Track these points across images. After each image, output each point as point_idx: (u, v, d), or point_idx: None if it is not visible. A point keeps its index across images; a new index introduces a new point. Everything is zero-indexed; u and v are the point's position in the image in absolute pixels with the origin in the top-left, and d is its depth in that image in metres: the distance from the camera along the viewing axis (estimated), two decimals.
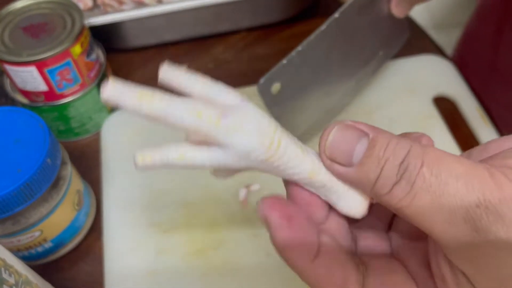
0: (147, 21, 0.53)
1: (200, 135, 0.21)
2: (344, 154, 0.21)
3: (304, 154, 0.22)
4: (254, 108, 0.22)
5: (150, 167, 0.21)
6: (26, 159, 0.34)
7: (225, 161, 0.21)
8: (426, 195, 0.19)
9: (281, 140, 0.21)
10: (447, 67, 0.52)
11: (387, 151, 0.20)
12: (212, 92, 0.22)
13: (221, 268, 0.39)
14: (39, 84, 0.43)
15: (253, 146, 0.20)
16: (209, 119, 0.20)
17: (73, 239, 0.41)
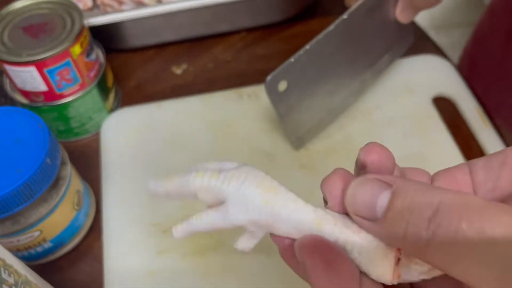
0: (146, 21, 0.53)
1: (210, 197, 0.23)
2: (366, 208, 0.20)
3: (303, 202, 0.22)
4: (249, 166, 0.23)
5: (184, 235, 0.24)
6: (25, 159, 0.34)
7: (228, 216, 0.22)
8: (471, 254, 0.16)
9: (276, 187, 0.22)
10: (446, 68, 0.52)
11: (411, 202, 0.18)
12: (213, 169, 0.24)
13: (221, 268, 0.39)
14: (39, 84, 0.43)
15: (250, 189, 0.22)
16: (210, 176, 0.22)
17: (72, 239, 0.41)
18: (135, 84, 0.55)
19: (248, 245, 0.23)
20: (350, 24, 0.41)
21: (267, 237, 0.23)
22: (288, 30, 0.59)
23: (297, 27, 0.59)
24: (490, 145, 0.46)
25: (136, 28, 0.54)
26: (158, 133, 0.48)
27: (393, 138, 0.46)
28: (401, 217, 0.18)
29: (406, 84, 0.50)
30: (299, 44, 0.42)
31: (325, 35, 0.40)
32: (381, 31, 0.45)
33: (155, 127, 0.48)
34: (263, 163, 0.44)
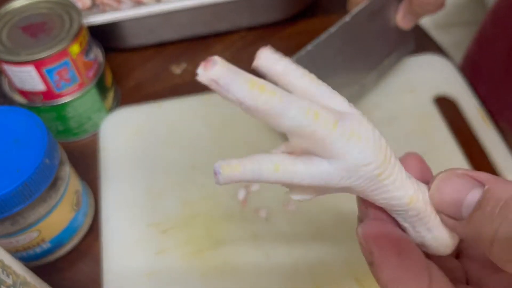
0: (145, 21, 0.53)
1: (303, 143, 0.18)
2: (452, 205, 0.18)
3: (407, 176, 0.20)
4: (364, 116, 0.19)
5: (235, 179, 0.18)
6: (24, 159, 0.34)
7: (328, 176, 0.18)
8: None
9: (391, 155, 0.19)
10: (447, 67, 0.52)
11: (505, 208, 0.16)
12: (319, 92, 0.20)
13: (220, 269, 0.39)
14: (38, 83, 0.43)
15: (370, 156, 0.18)
16: (326, 121, 0.17)
17: (71, 239, 0.41)
18: (134, 84, 0.54)
19: (306, 197, 0.21)
20: (352, 27, 0.42)
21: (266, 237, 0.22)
22: (288, 29, 0.59)
23: (297, 26, 0.59)
24: (491, 144, 0.45)
25: (135, 28, 0.54)
26: (157, 133, 0.48)
27: (394, 137, 0.46)
28: (491, 220, 0.17)
29: (407, 84, 0.50)
30: (299, 43, 0.42)
31: (327, 37, 0.41)
32: (382, 36, 0.45)
33: (154, 127, 0.48)
34: None
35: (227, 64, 0.17)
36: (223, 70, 0.17)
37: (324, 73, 0.42)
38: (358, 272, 0.38)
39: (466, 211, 0.18)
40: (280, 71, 0.18)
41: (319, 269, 0.38)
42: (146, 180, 0.44)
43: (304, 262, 0.39)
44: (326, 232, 0.40)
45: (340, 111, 0.19)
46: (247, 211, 0.42)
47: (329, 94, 0.20)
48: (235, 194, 0.43)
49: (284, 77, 0.19)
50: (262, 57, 0.19)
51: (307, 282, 0.38)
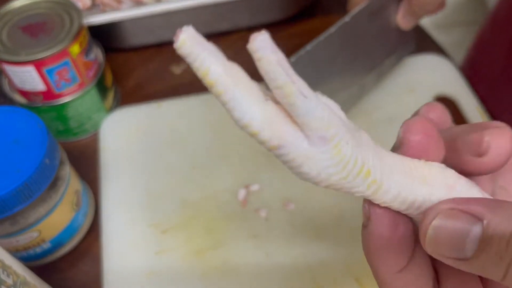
0: (146, 21, 0.53)
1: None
2: (453, 249, 0.17)
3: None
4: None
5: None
6: (24, 159, 0.34)
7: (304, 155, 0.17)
8: None
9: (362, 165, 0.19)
10: (447, 67, 0.52)
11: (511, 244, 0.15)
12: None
13: (220, 269, 0.39)
14: (38, 83, 0.43)
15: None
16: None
17: (71, 239, 0.41)
18: (134, 84, 0.54)
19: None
20: (352, 27, 0.42)
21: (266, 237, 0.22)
22: (288, 29, 0.59)
23: (297, 26, 0.59)
24: None
25: (135, 27, 0.54)
26: (157, 132, 0.48)
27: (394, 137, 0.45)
28: (499, 258, 0.16)
29: (407, 83, 0.50)
30: (299, 43, 0.42)
31: (326, 37, 0.40)
32: (382, 36, 0.45)
33: (155, 126, 0.48)
34: (262, 163, 0.44)
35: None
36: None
37: (323, 73, 0.43)
38: (358, 272, 0.38)
39: (469, 251, 0.17)
40: (274, 62, 0.18)
41: (319, 269, 0.38)
42: (146, 180, 0.44)
43: (304, 262, 0.39)
44: (326, 232, 0.40)
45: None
46: (247, 211, 0.42)
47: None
48: (235, 194, 0.43)
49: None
50: (258, 40, 0.18)
51: (307, 282, 0.38)
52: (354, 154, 0.18)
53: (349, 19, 0.41)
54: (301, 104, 0.17)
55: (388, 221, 0.19)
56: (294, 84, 0.17)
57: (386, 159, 0.19)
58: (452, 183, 0.19)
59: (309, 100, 0.17)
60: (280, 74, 0.17)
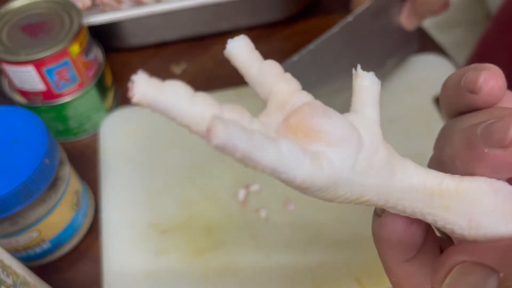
0: (145, 20, 0.53)
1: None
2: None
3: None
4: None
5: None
6: (24, 160, 0.34)
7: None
8: None
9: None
10: (447, 67, 0.52)
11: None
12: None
13: (220, 269, 0.39)
14: (37, 83, 0.43)
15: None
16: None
17: (71, 239, 0.41)
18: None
19: None
20: (355, 27, 0.41)
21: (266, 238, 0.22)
22: (289, 29, 0.59)
23: (298, 26, 0.59)
24: None
25: (135, 27, 0.54)
26: (157, 132, 0.48)
27: (394, 137, 0.46)
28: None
29: (408, 84, 0.50)
30: (300, 43, 0.42)
31: (329, 36, 0.40)
32: (385, 36, 0.45)
33: (154, 126, 0.48)
34: None
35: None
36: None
37: (325, 73, 0.43)
38: (358, 272, 0.38)
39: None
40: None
41: (319, 269, 0.38)
42: (146, 180, 0.44)
43: (304, 262, 0.39)
44: (326, 232, 0.40)
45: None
46: (247, 211, 0.42)
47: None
48: (235, 194, 0.43)
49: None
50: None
51: (307, 282, 0.38)
52: (345, 194, 0.17)
53: (352, 19, 0.41)
54: (279, 178, 0.15)
55: (402, 219, 0.19)
56: (266, 167, 0.15)
57: (402, 183, 0.18)
58: (476, 221, 0.18)
59: (285, 173, 0.15)
60: (249, 164, 0.14)
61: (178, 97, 0.15)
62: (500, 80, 0.19)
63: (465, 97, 0.20)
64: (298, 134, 0.16)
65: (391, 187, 0.18)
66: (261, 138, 0.14)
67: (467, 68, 0.20)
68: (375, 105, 0.19)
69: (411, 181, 0.18)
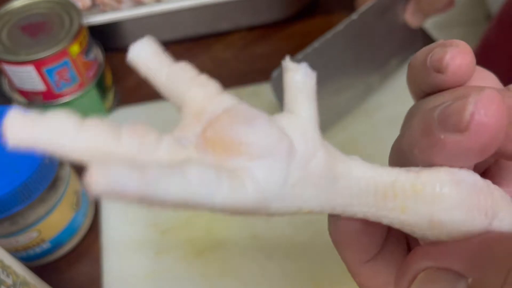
0: (145, 20, 0.53)
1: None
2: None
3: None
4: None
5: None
6: (24, 160, 0.34)
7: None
8: None
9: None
10: None
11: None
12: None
13: (220, 269, 0.39)
14: (37, 83, 0.43)
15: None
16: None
17: (71, 239, 0.41)
18: (134, 84, 0.54)
19: None
20: (359, 25, 0.41)
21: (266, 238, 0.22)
22: (289, 29, 0.58)
23: (298, 26, 0.59)
24: None
25: (135, 27, 0.54)
26: None
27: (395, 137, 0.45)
28: None
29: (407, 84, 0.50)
30: (300, 43, 0.42)
31: (334, 35, 0.40)
32: (389, 34, 0.45)
33: (154, 127, 0.48)
34: None
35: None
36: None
37: (330, 71, 0.43)
38: None
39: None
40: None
41: (319, 269, 0.38)
42: None
43: (304, 262, 0.39)
44: (326, 232, 0.40)
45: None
46: None
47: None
48: None
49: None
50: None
51: (307, 282, 0.38)
52: (281, 208, 0.15)
53: (357, 17, 0.41)
54: (196, 207, 0.14)
55: (357, 221, 0.18)
56: (174, 200, 0.13)
57: (348, 188, 0.16)
58: (437, 220, 0.16)
59: (201, 201, 0.13)
60: (154, 202, 0.13)
61: (61, 128, 0.13)
62: (467, 57, 0.17)
63: (432, 77, 0.18)
64: (216, 149, 0.14)
65: (334, 194, 0.16)
66: (159, 172, 0.12)
67: (434, 45, 0.18)
68: (311, 102, 0.17)
69: (358, 185, 0.16)
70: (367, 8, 0.41)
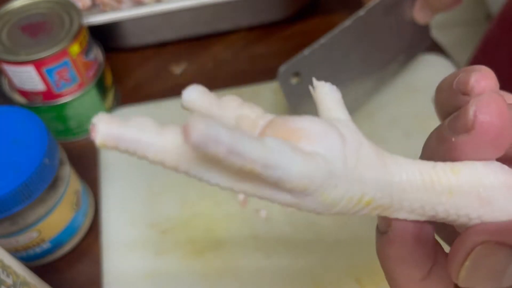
0: (145, 20, 0.53)
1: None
2: (489, 282, 0.16)
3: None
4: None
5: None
6: (24, 159, 0.34)
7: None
8: None
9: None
10: (448, 67, 0.52)
11: None
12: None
13: (220, 269, 0.39)
14: (37, 83, 0.43)
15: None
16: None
17: (71, 239, 0.41)
18: (134, 84, 0.55)
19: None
20: (367, 21, 0.41)
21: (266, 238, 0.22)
22: (289, 29, 0.59)
23: (298, 26, 0.59)
24: None
25: (135, 27, 0.54)
26: None
27: (396, 137, 0.46)
28: None
29: (409, 84, 0.50)
30: (300, 43, 0.42)
31: (341, 31, 0.40)
32: (397, 31, 0.45)
33: None
34: None
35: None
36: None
37: (337, 67, 0.42)
38: (358, 272, 0.38)
39: (508, 282, 0.16)
40: (224, 153, 0.16)
41: (319, 269, 0.38)
42: (146, 180, 0.44)
43: (304, 262, 0.39)
44: (326, 232, 0.40)
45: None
46: (247, 211, 0.42)
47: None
48: (235, 194, 0.43)
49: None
50: (196, 135, 0.16)
51: (307, 282, 0.38)
52: (346, 193, 0.16)
53: (364, 13, 0.40)
54: (272, 177, 0.14)
55: (412, 229, 0.18)
56: (256, 162, 0.14)
57: (399, 175, 0.17)
58: (485, 195, 0.17)
59: (278, 168, 0.14)
60: (236, 161, 0.13)
61: (145, 131, 0.15)
62: (491, 81, 0.18)
63: (458, 99, 0.19)
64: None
65: (389, 180, 0.17)
66: (245, 133, 0.13)
67: (459, 71, 0.20)
68: (343, 108, 0.19)
69: (407, 171, 0.17)
70: (375, 4, 0.41)
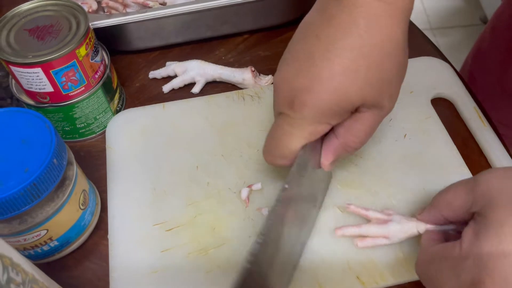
0: (151, 24, 0.54)
1: None
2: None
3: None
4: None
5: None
6: (32, 159, 0.35)
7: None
8: None
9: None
10: (444, 68, 0.52)
11: None
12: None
13: (224, 266, 0.39)
14: (45, 85, 0.43)
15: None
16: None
17: (78, 238, 0.41)
18: (139, 86, 0.55)
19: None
20: (293, 189, 0.36)
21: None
22: (290, 32, 0.59)
23: None
24: (488, 144, 0.46)
25: (141, 30, 0.55)
26: (162, 133, 0.48)
27: (393, 138, 0.46)
28: None
29: (406, 85, 0.50)
30: None
31: (280, 200, 0.35)
32: (318, 183, 0.42)
33: (159, 127, 0.49)
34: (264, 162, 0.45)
35: None
36: None
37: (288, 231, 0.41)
38: (359, 270, 0.38)
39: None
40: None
41: (320, 267, 0.39)
42: (152, 180, 0.45)
43: (305, 260, 0.39)
44: (328, 230, 0.41)
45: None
46: (250, 209, 0.42)
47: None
48: (239, 193, 0.43)
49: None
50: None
51: (308, 280, 0.38)
52: None
53: (288, 185, 0.35)
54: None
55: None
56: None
57: None
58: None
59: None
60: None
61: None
62: None
63: None
64: None
65: None
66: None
67: None
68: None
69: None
70: (292, 174, 0.35)
